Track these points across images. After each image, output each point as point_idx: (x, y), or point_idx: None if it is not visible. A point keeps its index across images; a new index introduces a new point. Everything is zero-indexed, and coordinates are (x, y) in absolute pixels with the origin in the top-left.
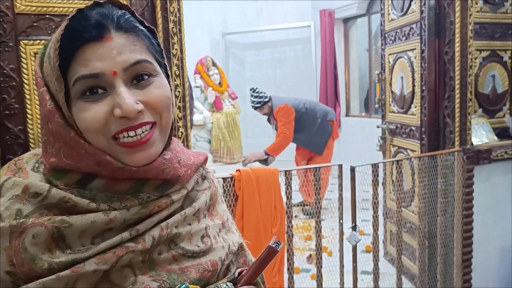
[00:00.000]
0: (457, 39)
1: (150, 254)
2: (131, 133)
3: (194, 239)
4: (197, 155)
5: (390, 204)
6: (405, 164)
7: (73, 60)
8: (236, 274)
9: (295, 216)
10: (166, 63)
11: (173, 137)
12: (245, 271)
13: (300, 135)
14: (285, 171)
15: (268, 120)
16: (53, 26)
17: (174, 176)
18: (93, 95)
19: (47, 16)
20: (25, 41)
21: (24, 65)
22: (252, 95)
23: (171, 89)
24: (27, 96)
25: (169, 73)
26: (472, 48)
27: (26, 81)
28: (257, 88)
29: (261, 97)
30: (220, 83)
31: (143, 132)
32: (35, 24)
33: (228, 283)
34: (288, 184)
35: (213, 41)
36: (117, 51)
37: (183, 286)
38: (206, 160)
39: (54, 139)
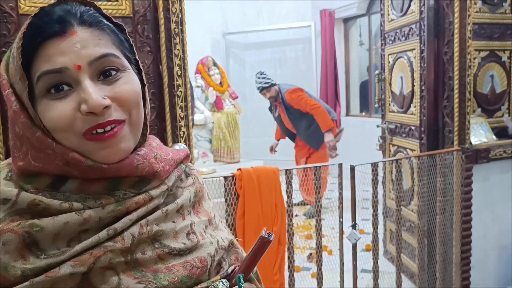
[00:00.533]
0: (456, 39)
1: (133, 255)
2: (99, 131)
3: (180, 237)
4: (176, 151)
5: (390, 203)
6: (404, 163)
7: (36, 57)
8: (230, 270)
9: (296, 215)
10: (138, 58)
11: (150, 135)
12: (237, 267)
13: (302, 125)
14: (286, 170)
15: (270, 108)
16: None
17: (150, 172)
18: (58, 92)
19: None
20: None
21: None
22: (259, 77)
23: (144, 85)
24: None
25: (141, 67)
26: (471, 48)
27: None
28: (264, 71)
29: (268, 78)
30: (220, 83)
31: (111, 128)
32: None
33: (223, 280)
34: (289, 183)
35: (214, 41)
36: (81, 45)
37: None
38: (187, 156)
39: (21, 143)
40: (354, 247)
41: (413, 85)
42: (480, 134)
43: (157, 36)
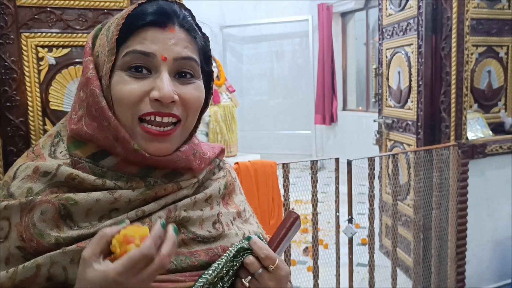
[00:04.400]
0: (454, 35)
1: None
2: (158, 119)
3: (206, 225)
4: (212, 148)
5: (386, 197)
6: (401, 158)
7: (132, 37)
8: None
9: (292, 209)
10: (212, 70)
11: None
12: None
13: None
14: (283, 164)
15: None
16: (54, 19)
17: (186, 167)
18: (138, 72)
19: (48, 9)
20: (26, 34)
21: (25, 58)
22: None
23: (208, 96)
24: (28, 89)
25: (213, 78)
26: (468, 44)
27: (27, 73)
28: None
29: None
30: (217, 76)
31: (168, 122)
32: (36, 16)
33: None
34: (286, 177)
35: (211, 34)
36: (174, 42)
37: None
38: (222, 151)
39: (79, 107)
40: (350, 241)
41: (410, 80)
42: (476, 130)
43: None
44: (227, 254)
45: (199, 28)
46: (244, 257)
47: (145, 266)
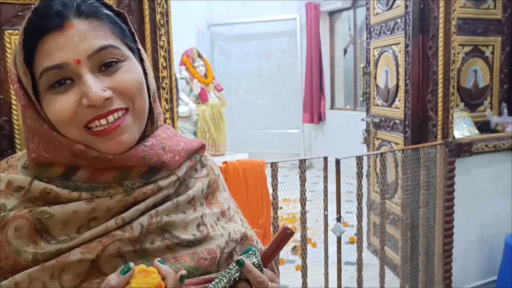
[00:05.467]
0: (441, 34)
1: (142, 244)
2: (102, 121)
3: (190, 228)
4: (189, 141)
5: (374, 196)
6: (388, 157)
7: (36, 53)
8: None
9: (281, 208)
10: (140, 47)
11: (164, 124)
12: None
13: None
14: (271, 163)
15: None
16: None
17: (158, 162)
18: (61, 86)
19: (32, 6)
20: (10, 31)
21: (9, 55)
22: None
23: (146, 73)
24: (12, 87)
25: (144, 57)
26: (455, 43)
27: None
28: None
29: None
30: (205, 74)
31: (114, 119)
32: (20, 13)
33: (233, 264)
34: (274, 176)
35: (199, 33)
36: (79, 38)
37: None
38: (202, 147)
39: (33, 135)
40: (339, 239)
41: (397, 79)
42: (463, 128)
43: (142, 27)
44: (217, 281)
45: (106, 5)
46: (235, 275)
47: None
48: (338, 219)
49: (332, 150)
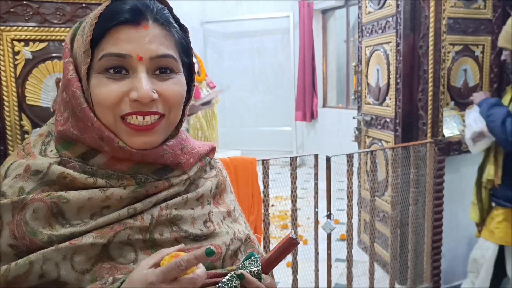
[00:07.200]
0: (431, 33)
1: (151, 234)
2: (139, 118)
3: (197, 223)
4: (202, 144)
5: (365, 193)
6: (379, 155)
7: (105, 38)
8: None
9: (273, 205)
10: (193, 61)
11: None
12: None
13: None
14: (263, 161)
15: None
16: (31, 13)
17: (174, 162)
18: (115, 74)
19: (25, 2)
20: (2, 27)
21: (1, 52)
22: None
23: (190, 88)
24: (4, 83)
25: (194, 70)
26: (445, 43)
27: (2, 68)
28: None
29: None
30: (198, 72)
31: (150, 121)
32: (12, 10)
33: (233, 273)
34: (265, 173)
35: (192, 30)
36: (149, 39)
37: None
38: (213, 150)
39: (64, 108)
40: (329, 236)
41: (389, 78)
42: (452, 127)
43: None
44: None
45: (177, 20)
46: (235, 283)
47: (177, 274)
48: (328, 216)
49: (325, 148)
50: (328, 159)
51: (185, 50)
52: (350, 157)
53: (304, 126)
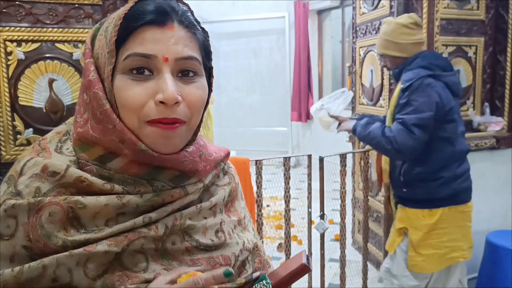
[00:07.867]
0: (424, 34)
1: (164, 243)
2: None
3: (209, 233)
4: (218, 150)
5: (359, 194)
6: (372, 155)
7: (130, 38)
8: (254, 276)
9: (268, 206)
10: (212, 66)
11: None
12: (262, 274)
13: None
14: (256, 161)
15: None
16: (23, 13)
17: (192, 169)
18: (139, 75)
19: (17, 2)
20: None
21: None
22: None
23: (209, 92)
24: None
25: (213, 74)
26: (438, 43)
27: None
28: None
29: None
30: None
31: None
32: (4, 10)
33: None
34: (259, 174)
35: None
36: (174, 41)
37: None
38: (227, 155)
39: (84, 110)
40: (322, 236)
41: (382, 78)
42: None
43: None
44: None
45: (198, 22)
46: None
47: None
48: (321, 216)
49: (320, 148)
50: (321, 160)
51: (208, 53)
52: (343, 157)
53: (300, 126)
